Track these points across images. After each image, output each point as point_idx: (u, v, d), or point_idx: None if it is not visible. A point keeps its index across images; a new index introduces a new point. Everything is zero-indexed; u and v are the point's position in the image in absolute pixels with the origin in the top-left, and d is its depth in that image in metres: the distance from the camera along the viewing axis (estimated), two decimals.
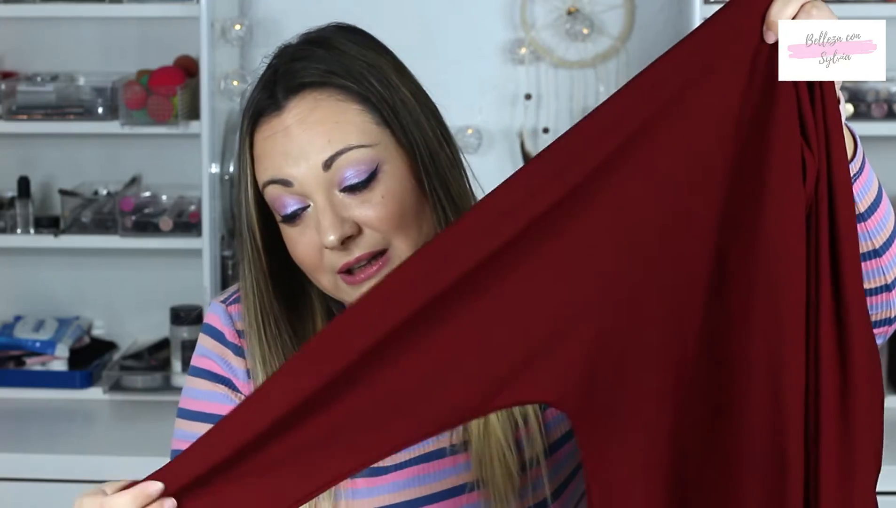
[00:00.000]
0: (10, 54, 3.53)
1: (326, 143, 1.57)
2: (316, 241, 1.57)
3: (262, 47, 3.49)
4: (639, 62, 3.46)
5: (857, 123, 3.27)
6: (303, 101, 1.59)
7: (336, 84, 1.61)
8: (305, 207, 1.58)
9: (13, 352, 3.40)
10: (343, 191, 1.57)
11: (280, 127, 1.58)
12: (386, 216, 1.56)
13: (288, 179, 1.57)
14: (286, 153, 1.57)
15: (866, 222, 1.44)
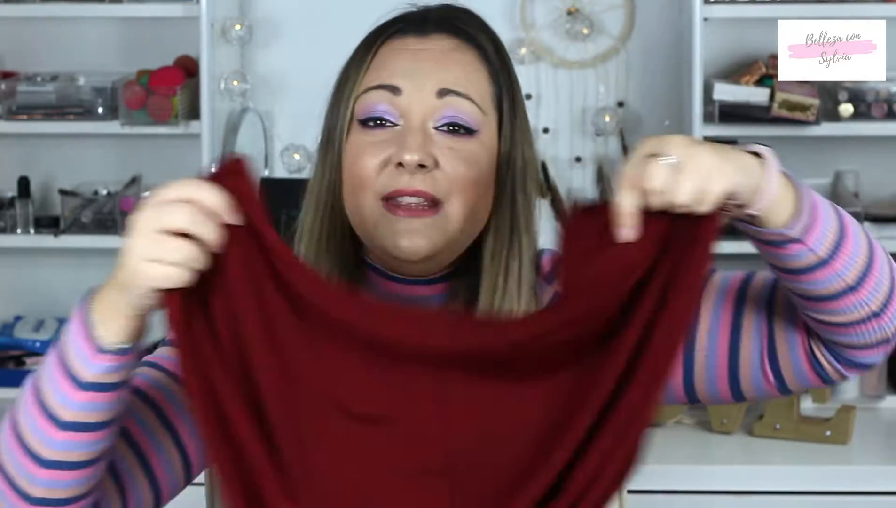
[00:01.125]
0: (10, 54, 3.53)
1: (453, 77, 1.58)
2: (383, 157, 1.55)
3: (262, 47, 3.49)
4: (639, 62, 3.47)
5: (857, 123, 3.27)
6: (449, 40, 1.61)
7: (482, 49, 1.62)
8: (395, 123, 1.57)
9: (13, 352, 3.40)
10: (438, 129, 1.57)
11: (416, 46, 1.59)
12: (463, 173, 1.56)
13: (399, 86, 1.57)
14: (409, 69, 1.57)
15: (832, 263, 1.42)
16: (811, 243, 1.41)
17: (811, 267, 1.42)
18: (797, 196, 1.41)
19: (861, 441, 3.07)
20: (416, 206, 1.54)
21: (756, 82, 3.28)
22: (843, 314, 1.45)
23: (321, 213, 1.61)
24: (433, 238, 1.55)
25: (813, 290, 1.44)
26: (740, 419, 3.10)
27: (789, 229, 1.41)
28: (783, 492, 2.94)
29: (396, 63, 1.59)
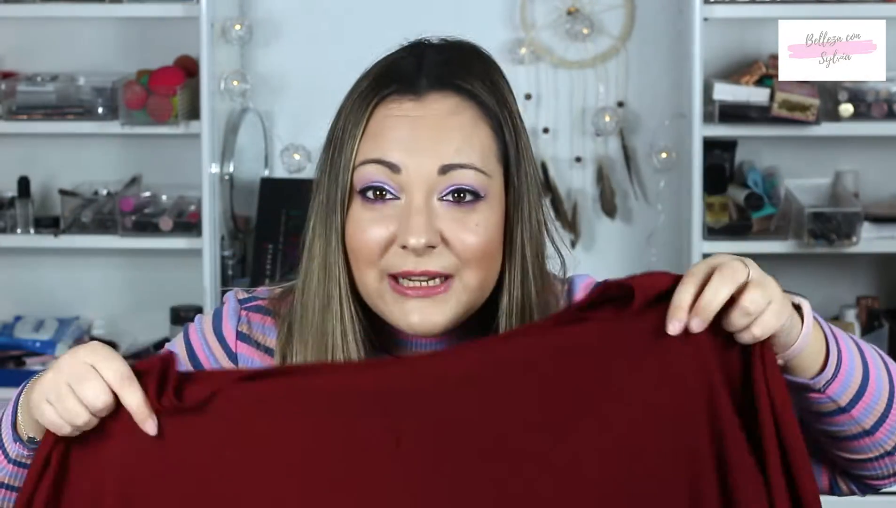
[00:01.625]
0: (10, 54, 3.53)
1: (454, 150, 1.51)
2: (388, 233, 1.50)
3: (262, 47, 3.49)
4: (639, 62, 3.47)
5: (857, 123, 3.27)
6: (446, 100, 1.53)
7: (481, 101, 1.55)
8: (396, 197, 1.51)
9: (13, 352, 3.40)
10: (442, 200, 1.51)
11: (413, 113, 1.52)
12: (474, 244, 1.50)
13: (398, 164, 1.50)
14: (408, 141, 1.51)
15: (850, 412, 1.46)
16: (832, 394, 1.44)
17: (830, 412, 1.46)
18: (826, 349, 1.44)
19: None
20: (426, 285, 1.51)
21: (756, 82, 3.28)
22: (859, 453, 1.49)
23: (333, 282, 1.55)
24: (447, 313, 1.51)
25: (830, 430, 1.48)
26: None
27: (813, 381, 1.44)
28: None
29: (394, 133, 1.52)
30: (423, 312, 1.50)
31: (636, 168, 3.47)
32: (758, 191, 3.27)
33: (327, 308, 1.55)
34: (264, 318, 1.64)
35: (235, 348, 1.65)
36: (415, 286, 1.50)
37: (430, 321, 1.50)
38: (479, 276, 1.51)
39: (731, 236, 3.27)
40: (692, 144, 3.22)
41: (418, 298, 1.50)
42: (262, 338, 1.64)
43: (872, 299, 3.32)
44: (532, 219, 1.56)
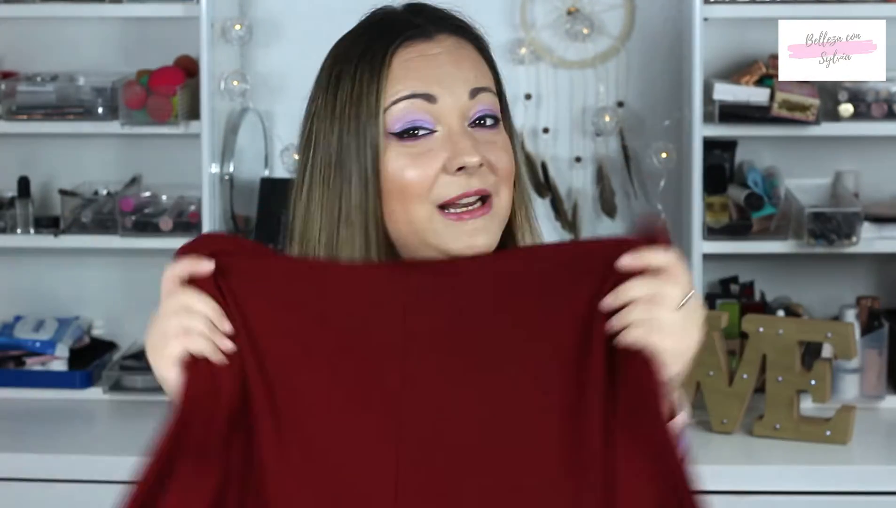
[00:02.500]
0: (10, 54, 3.53)
1: (474, 76, 1.61)
2: (437, 165, 1.57)
3: (262, 47, 3.49)
4: (639, 62, 3.47)
5: (857, 123, 3.27)
6: (451, 38, 1.64)
7: (475, 38, 1.67)
8: (434, 130, 1.59)
9: (13, 352, 3.40)
10: (472, 126, 1.60)
11: (429, 51, 1.61)
12: (506, 161, 1.61)
13: (434, 94, 1.59)
14: (435, 73, 1.60)
15: None
16: None
17: None
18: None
19: (861, 441, 3.07)
20: (472, 206, 1.59)
21: (756, 82, 3.28)
22: None
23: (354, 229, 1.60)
24: (492, 231, 1.60)
25: None
26: (740, 419, 3.10)
27: None
28: (783, 492, 2.94)
29: (420, 70, 1.60)
30: (475, 235, 1.59)
31: (636, 168, 3.47)
32: (758, 191, 3.27)
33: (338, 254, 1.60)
34: None
35: None
36: (469, 210, 1.59)
37: (480, 242, 1.59)
38: (509, 194, 1.62)
39: (731, 236, 3.27)
40: (692, 144, 3.22)
41: (471, 219, 1.58)
42: None
43: (872, 299, 3.32)
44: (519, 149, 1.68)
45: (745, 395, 3.08)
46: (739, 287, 3.41)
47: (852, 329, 3.06)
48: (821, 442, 3.04)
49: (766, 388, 3.08)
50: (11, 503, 3.06)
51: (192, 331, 1.60)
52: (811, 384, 3.05)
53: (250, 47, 3.48)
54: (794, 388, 3.06)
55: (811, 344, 3.13)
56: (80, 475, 3.02)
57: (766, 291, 3.41)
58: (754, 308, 3.31)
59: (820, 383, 3.04)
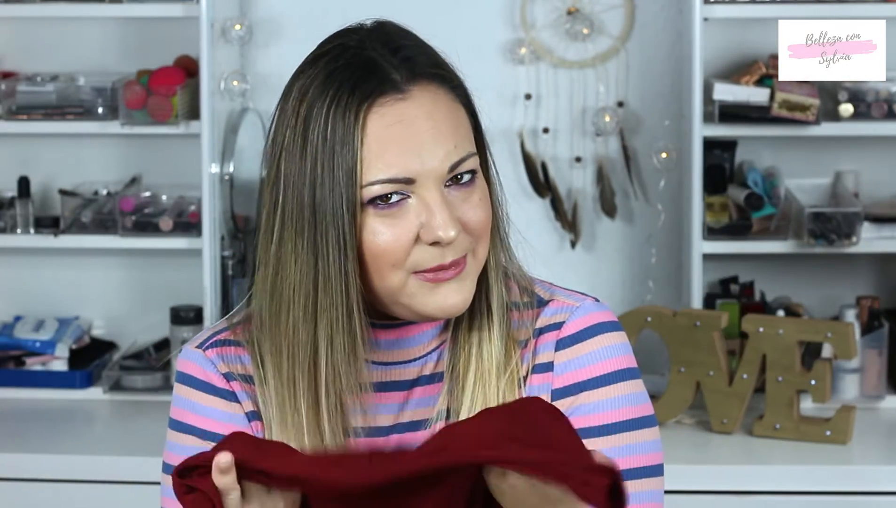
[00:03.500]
0: (10, 54, 3.52)
1: (453, 147, 1.57)
2: (409, 235, 1.54)
3: (262, 47, 3.49)
4: (639, 62, 3.47)
5: (857, 123, 3.27)
6: (425, 92, 1.57)
7: (447, 82, 1.60)
8: (407, 197, 1.56)
9: (13, 352, 3.40)
10: (448, 186, 1.57)
11: (405, 116, 1.55)
12: (483, 218, 1.58)
13: (412, 177, 1.55)
14: (414, 150, 1.55)
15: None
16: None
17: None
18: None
19: (861, 441, 3.07)
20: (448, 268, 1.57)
21: (756, 82, 3.28)
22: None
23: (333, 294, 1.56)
24: (468, 290, 1.59)
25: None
26: (740, 419, 3.10)
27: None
28: (783, 492, 2.94)
29: (397, 145, 1.54)
30: (449, 296, 1.57)
31: (636, 168, 3.47)
32: (758, 191, 3.27)
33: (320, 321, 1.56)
34: (233, 349, 1.66)
35: (231, 388, 1.65)
36: (440, 273, 1.56)
37: (458, 303, 1.58)
38: (485, 247, 1.60)
39: (731, 236, 3.27)
40: (692, 144, 3.22)
41: (446, 283, 1.56)
42: (241, 369, 1.65)
43: (872, 300, 3.32)
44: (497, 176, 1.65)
45: (745, 395, 3.08)
46: (739, 287, 3.41)
47: (852, 329, 3.06)
48: (821, 442, 3.04)
49: (766, 388, 3.08)
50: (11, 503, 3.06)
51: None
52: (811, 384, 3.05)
53: (250, 47, 3.48)
54: (794, 388, 3.06)
55: (811, 344, 3.13)
56: (80, 475, 3.02)
57: (766, 291, 3.41)
58: (754, 308, 3.31)
59: (820, 383, 3.04)
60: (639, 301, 3.41)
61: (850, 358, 3.08)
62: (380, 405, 1.65)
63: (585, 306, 1.66)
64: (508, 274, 1.66)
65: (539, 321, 1.66)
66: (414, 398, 1.66)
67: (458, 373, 1.64)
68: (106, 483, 3.02)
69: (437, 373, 1.66)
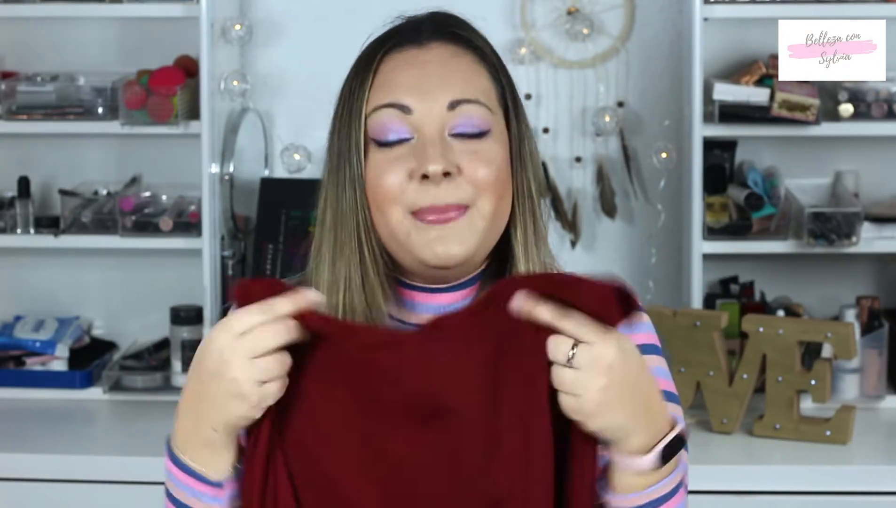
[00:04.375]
0: (10, 54, 3.52)
1: (460, 88, 1.61)
2: (406, 171, 1.59)
3: (262, 47, 3.49)
4: (639, 62, 3.47)
5: (857, 123, 3.27)
6: (445, 47, 1.64)
7: (477, 49, 1.66)
8: (409, 138, 1.60)
9: (13, 352, 3.40)
10: (453, 136, 1.61)
11: (417, 59, 1.62)
12: (485, 173, 1.60)
13: (409, 105, 1.60)
14: (416, 84, 1.61)
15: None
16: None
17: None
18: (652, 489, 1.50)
19: (861, 441, 3.07)
20: (445, 212, 1.59)
21: (756, 82, 3.28)
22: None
23: (347, 231, 1.63)
24: (466, 241, 1.61)
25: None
26: (740, 419, 3.10)
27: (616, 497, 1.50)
28: (783, 492, 2.94)
29: (401, 78, 1.62)
30: (444, 242, 1.60)
31: (636, 168, 3.47)
32: (758, 191, 3.27)
33: (339, 258, 1.62)
34: None
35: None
36: (439, 218, 1.59)
37: (450, 250, 1.60)
38: (493, 203, 1.61)
39: (731, 236, 3.27)
40: (692, 144, 3.22)
41: (440, 225, 1.59)
42: None
43: (872, 299, 3.32)
44: (535, 163, 1.67)
45: (745, 395, 3.08)
46: (739, 287, 3.41)
47: (852, 329, 3.06)
48: (821, 442, 3.04)
49: (766, 388, 3.08)
50: (11, 503, 3.06)
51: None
52: (811, 384, 3.05)
53: (250, 47, 3.48)
54: (794, 388, 3.06)
55: (811, 344, 3.13)
56: (80, 475, 3.02)
57: (766, 291, 3.41)
58: (754, 308, 3.31)
59: (820, 383, 3.04)
60: None
61: (850, 358, 3.08)
62: None
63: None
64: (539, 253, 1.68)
65: None
66: None
67: None
68: (106, 483, 3.02)
69: None
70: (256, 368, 1.45)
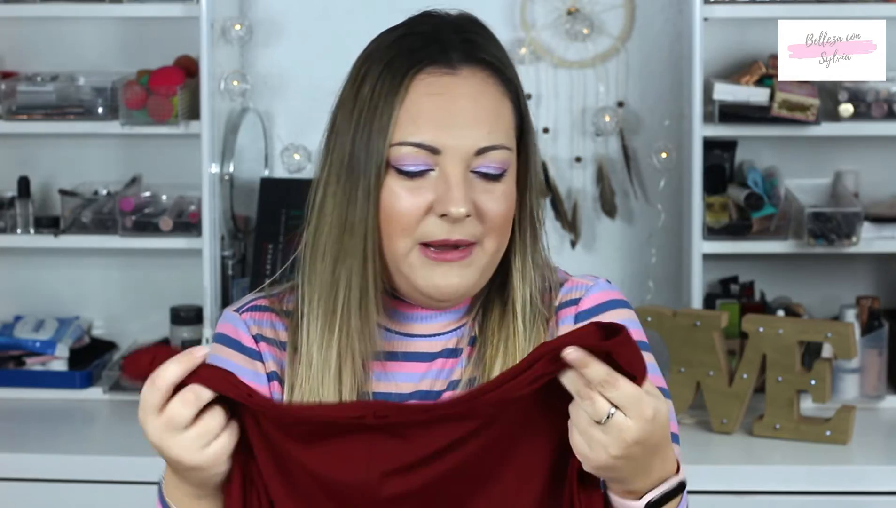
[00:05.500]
0: (10, 54, 3.52)
1: (487, 133, 1.62)
2: (425, 203, 1.60)
3: (262, 47, 3.49)
4: (639, 62, 3.47)
5: (857, 123, 3.27)
6: (475, 75, 1.64)
7: (504, 77, 1.66)
8: (431, 169, 1.61)
9: (13, 352, 3.40)
10: (474, 173, 1.61)
11: (449, 90, 1.62)
12: (500, 212, 1.63)
13: (440, 148, 1.61)
14: (445, 123, 1.61)
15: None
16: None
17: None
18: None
19: (861, 441, 3.07)
20: (451, 252, 1.62)
21: (756, 82, 3.28)
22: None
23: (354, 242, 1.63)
24: (468, 277, 1.63)
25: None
26: (740, 419, 3.10)
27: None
28: (783, 492, 2.94)
29: (431, 113, 1.61)
30: (447, 276, 1.62)
31: (636, 168, 3.47)
32: (758, 191, 3.27)
33: (341, 262, 1.63)
34: (267, 314, 1.72)
35: (258, 348, 1.72)
36: (443, 253, 1.61)
37: (453, 285, 1.62)
38: (497, 242, 1.63)
39: (731, 236, 3.27)
40: (692, 144, 3.22)
41: (446, 263, 1.61)
42: (272, 333, 1.72)
43: (872, 299, 3.32)
44: (537, 183, 1.70)
45: (745, 395, 3.08)
46: (739, 287, 3.41)
47: (852, 329, 3.06)
48: (821, 442, 3.04)
49: (766, 388, 3.08)
50: (11, 503, 3.06)
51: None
52: (811, 384, 3.05)
53: (250, 47, 3.48)
54: (794, 388, 3.06)
55: (811, 344, 3.13)
56: (80, 475, 3.02)
57: (766, 291, 3.41)
58: (754, 308, 3.31)
59: (820, 383, 3.04)
60: (639, 301, 3.41)
61: (850, 358, 3.08)
62: (400, 374, 1.71)
63: (600, 285, 1.74)
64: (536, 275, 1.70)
65: (557, 298, 1.72)
66: (434, 368, 1.71)
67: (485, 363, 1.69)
68: (106, 483, 3.02)
69: (458, 348, 1.71)
70: (188, 440, 1.47)
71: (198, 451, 1.47)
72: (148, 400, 1.48)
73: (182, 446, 1.47)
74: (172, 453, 1.48)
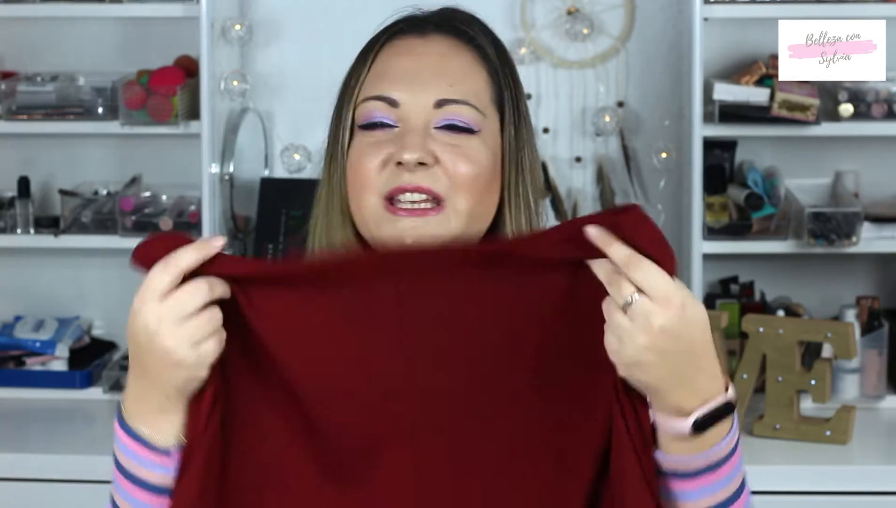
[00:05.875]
0: (10, 54, 3.52)
1: (449, 85, 1.61)
2: (383, 156, 1.58)
3: (262, 47, 3.49)
4: (639, 62, 3.47)
5: (857, 123, 3.27)
6: (446, 41, 1.64)
7: (481, 49, 1.65)
8: (394, 126, 1.60)
9: (13, 352, 3.40)
10: (440, 128, 1.59)
11: (414, 50, 1.62)
12: (465, 169, 1.58)
13: (396, 99, 1.60)
14: (407, 77, 1.60)
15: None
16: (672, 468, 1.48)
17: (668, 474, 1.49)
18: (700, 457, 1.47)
19: (861, 441, 3.07)
20: (418, 204, 1.57)
21: (756, 82, 3.28)
22: None
23: (329, 216, 1.64)
24: (437, 236, 1.57)
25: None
26: (740, 419, 3.10)
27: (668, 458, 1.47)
28: (783, 492, 2.94)
29: (395, 69, 1.61)
30: (416, 231, 1.57)
31: (636, 168, 3.47)
32: (758, 191, 3.27)
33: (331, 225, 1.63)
34: None
35: None
36: (408, 208, 1.57)
37: (422, 240, 1.57)
38: (469, 203, 1.58)
39: (731, 236, 3.27)
40: (692, 144, 3.22)
41: (411, 217, 1.56)
42: None
43: (872, 299, 3.32)
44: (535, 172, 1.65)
45: (745, 395, 3.08)
46: (739, 287, 3.41)
47: (852, 329, 3.06)
48: (821, 442, 3.04)
49: (766, 388, 3.08)
50: (11, 503, 3.06)
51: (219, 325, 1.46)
52: (811, 384, 3.05)
53: (250, 47, 3.48)
54: (794, 388, 3.06)
55: (811, 344, 3.13)
56: (80, 475, 3.02)
57: (766, 291, 3.41)
58: (754, 308, 3.31)
59: (820, 383, 3.04)
60: None
61: (850, 358, 3.09)
62: None
63: None
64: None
65: None
66: None
67: None
68: (106, 483, 3.02)
69: None
70: (186, 331, 1.42)
71: (191, 347, 1.42)
72: (155, 283, 1.42)
73: (179, 335, 1.42)
74: (165, 342, 1.42)
